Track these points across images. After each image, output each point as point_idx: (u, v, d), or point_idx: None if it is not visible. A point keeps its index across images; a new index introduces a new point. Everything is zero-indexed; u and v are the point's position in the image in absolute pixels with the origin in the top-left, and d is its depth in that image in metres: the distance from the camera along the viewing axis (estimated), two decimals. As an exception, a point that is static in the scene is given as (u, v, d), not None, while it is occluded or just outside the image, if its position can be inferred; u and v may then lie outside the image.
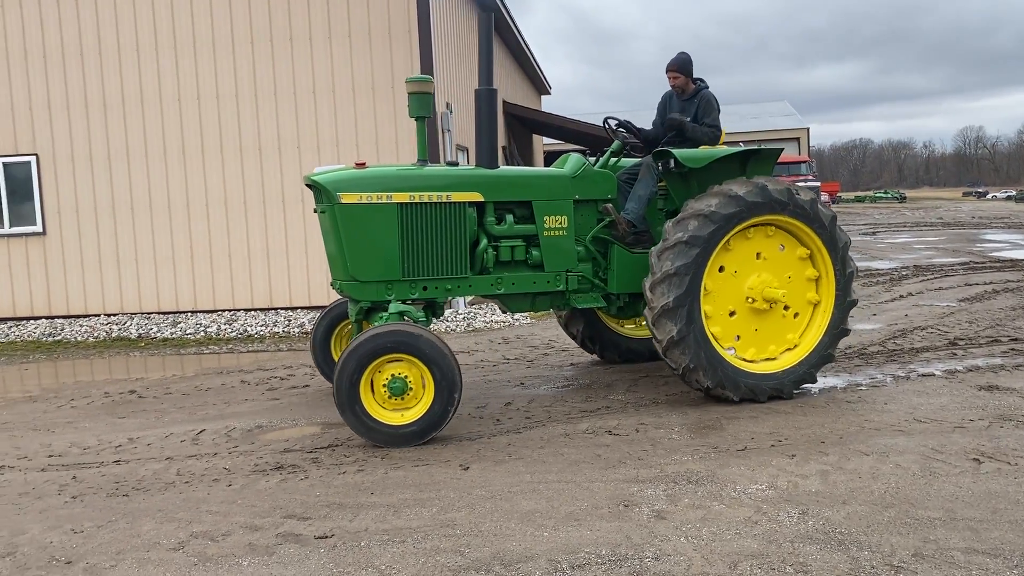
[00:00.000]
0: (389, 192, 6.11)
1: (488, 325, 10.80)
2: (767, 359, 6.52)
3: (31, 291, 12.15)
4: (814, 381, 6.61)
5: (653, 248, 6.29)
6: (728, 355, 6.34)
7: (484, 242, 6.43)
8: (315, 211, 6.35)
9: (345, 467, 5.28)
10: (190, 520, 4.48)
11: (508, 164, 17.78)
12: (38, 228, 12.07)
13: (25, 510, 4.77)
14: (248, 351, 9.95)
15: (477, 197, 6.35)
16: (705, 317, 6.24)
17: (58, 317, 12.10)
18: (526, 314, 10.59)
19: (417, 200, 6.16)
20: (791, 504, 4.31)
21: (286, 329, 10.98)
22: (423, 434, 5.64)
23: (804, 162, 36.58)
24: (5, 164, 12.04)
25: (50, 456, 5.84)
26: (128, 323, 11.65)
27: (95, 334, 11.34)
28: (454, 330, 10.60)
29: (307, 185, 6.27)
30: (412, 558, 3.86)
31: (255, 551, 4.06)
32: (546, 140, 31.63)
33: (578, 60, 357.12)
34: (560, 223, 6.54)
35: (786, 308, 6.54)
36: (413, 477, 5.03)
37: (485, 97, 6.39)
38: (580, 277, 6.67)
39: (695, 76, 7.02)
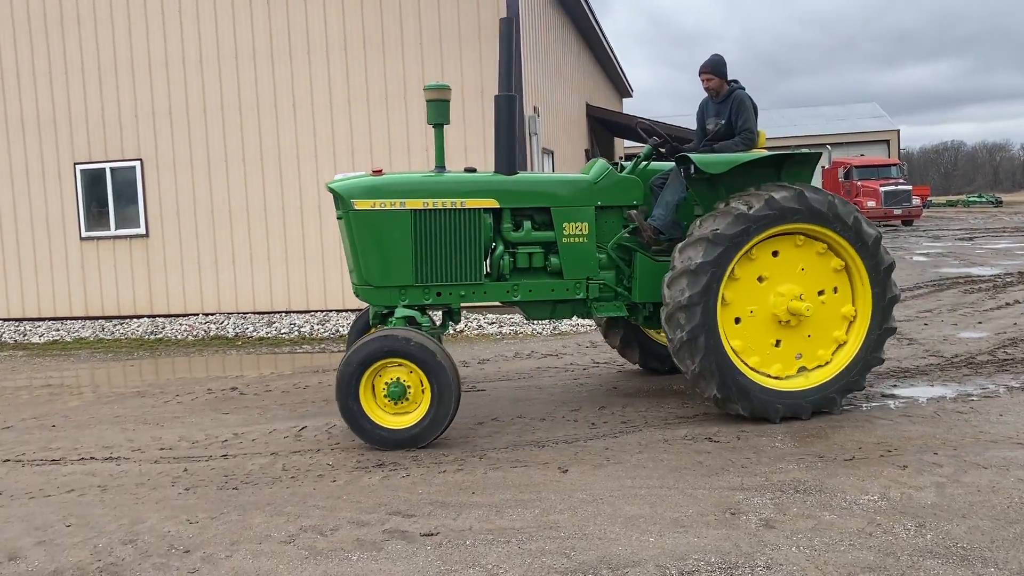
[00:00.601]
0: (402, 199, 6.17)
1: (575, 328, 10.78)
2: (789, 376, 6.14)
3: (134, 291, 12.67)
4: (834, 407, 6.12)
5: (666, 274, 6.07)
6: (753, 372, 6.02)
7: (500, 248, 6.42)
8: (337, 218, 6.42)
9: (444, 466, 5.33)
10: (298, 514, 4.59)
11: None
12: (141, 230, 12.58)
13: (142, 500, 4.96)
14: (340, 351, 10.15)
15: (493, 204, 6.34)
16: (732, 351, 5.99)
17: (159, 316, 12.59)
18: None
19: (431, 207, 6.20)
20: (906, 516, 4.16)
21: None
22: (421, 438, 5.68)
23: (894, 165, 35.46)
24: (112, 169, 12.60)
25: (161, 449, 6.07)
26: (225, 322, 12.04)
27: (194, 332, 11.75)
28: (540, 333, 10.62)
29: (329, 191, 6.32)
30: (518, 559, 3.87)
31: (363, 546, 4.13)
32: (627, 143, 31.44)
33: (658, 63, 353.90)
34: (580, 230, 6.43)
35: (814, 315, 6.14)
36: (512, 478, 5.05)
37: (504, 104, 6.35)
38: (602, 285, 6.54)
39: (730, 78, 6.74)
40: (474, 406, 6.90)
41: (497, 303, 6.61)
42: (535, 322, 10.88)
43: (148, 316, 12.63)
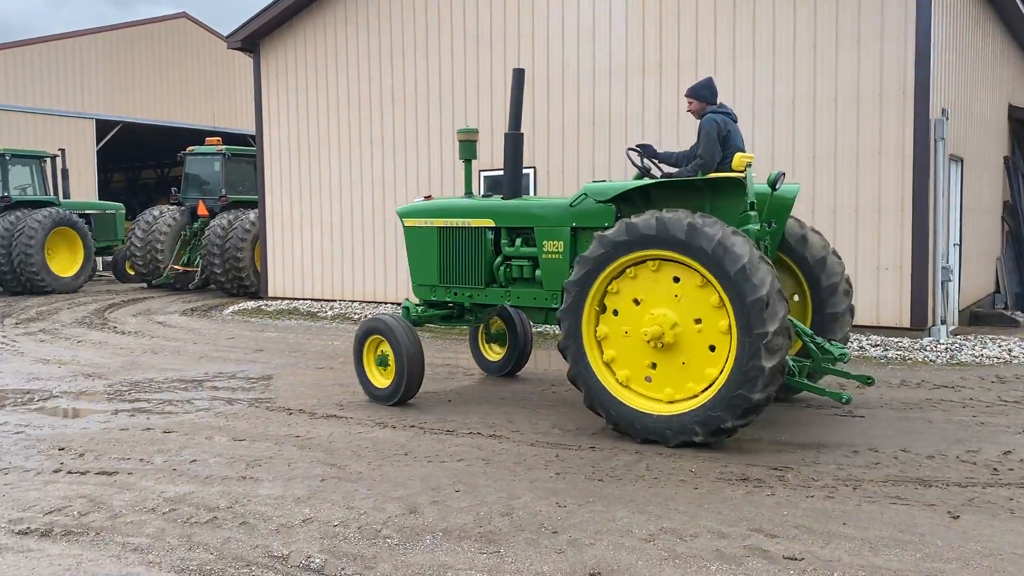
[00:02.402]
0: (432, 219, 7.98)
1: (977, 359, 9.52)
2: (678, 400, 6.00)
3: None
4: (727, 430, 5.74)
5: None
6: (626, 394, 6.18)
7: (499, 260, 7.64)
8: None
9: (813, 491, 5.04)
10: (659, 515, 4.65)
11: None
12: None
13: (519, 478, 5.39)
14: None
15: (490, 223, 7.63)
16: (606, 360, 6.26)
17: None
18: None
19: (450, 225, 7.86)
20: None
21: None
22: (392, 396, 7.40)
23: None
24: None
25: (536, 433, 6.54)
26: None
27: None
28: (933, 361, 9.55)
29: None
30: (894, 603, 3.53)
31: (722, 558, 4.06)
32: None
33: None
34: (557, 247, 7.12)
35: (693, 341, 5.97)
36: (890, 515, 4.62)
37: (511, 140, 7.62)
38: None
39: (718, 101, 6.85)
40: (849, 432, 6.43)
41: (495, 304, 7.91)
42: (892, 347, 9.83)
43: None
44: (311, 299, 15.71)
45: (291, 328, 13.13)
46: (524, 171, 13.32)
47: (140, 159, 42.00)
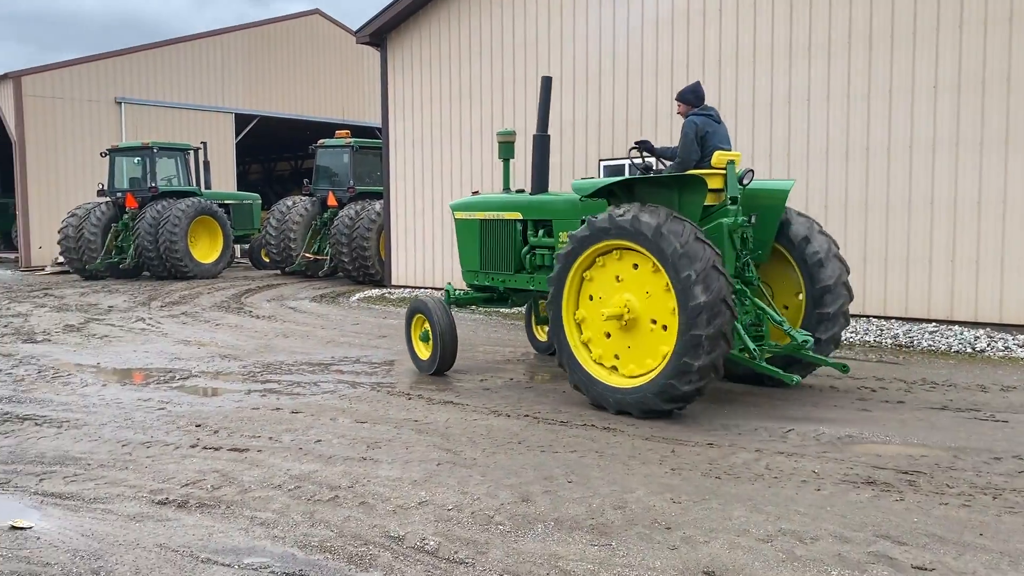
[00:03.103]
0: (474, 212, 9.05)
1: None
2: (639, 375, 6.70)
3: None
4: (681, 396, 6.35)
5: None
6: (599, 370, 6.94)
7: (525, 249, 8.57)
8: None
9: (947, 498, 4.76)
10: (778, 516, 4.50)
11: None
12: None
13: (633, 471, 5.33)
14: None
15: (518, 216, 8.62)
16: (583, 340, 7.06)
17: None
18: None
19: (488, 217, 8.90)
20: None
21: (877, 339, 10.38)
22: (431, 366, 8.47)
23: None
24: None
25: (651, 427, 6.44)
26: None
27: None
28: (1089, 364, 8.81)
29: None
30: (1035, 623, 3.29)
31: (845, 563, 3.90)
32: None
33: None
34: None
35: (653, 322, 6.63)
36: (1034, 528, 4.30)
37: (539, 141, 8.54)
38: None
39: (704, 101, 7.47)
40: (991, 438, 6.03)
41: (524, 289, 8.71)
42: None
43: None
44: (432, 287, 16.05)
45: (413, 315, 13.44)
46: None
47: (275, 151, 43.96)
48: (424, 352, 8.64)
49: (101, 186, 21.92)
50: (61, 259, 22.45)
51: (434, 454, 5.75)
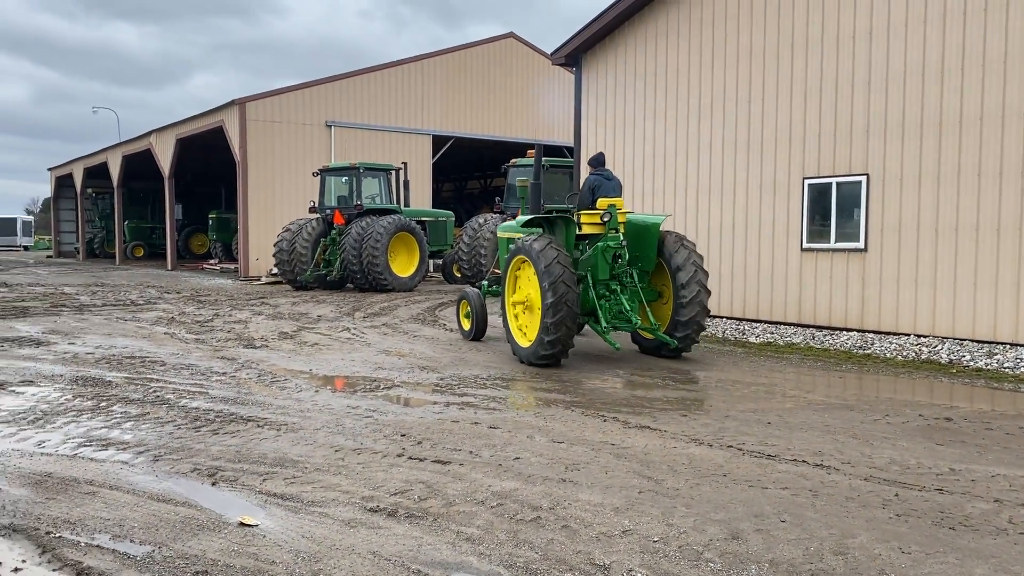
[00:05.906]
0: (505, 233, 12.98)
1: None
2: (531, 341, 10.44)
3: (847, 304, 12.81)
4: (545, 356, 10.03)
5: None
6: (519, 335, 10.89)
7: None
8: None
9: None
10: (1031, 579, 4.00)
11: None
12: (860, 245, 12.62)
13: (852, 515, 4.94)
14: (1080, 399, 8.60)
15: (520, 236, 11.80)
16: (514, 314, 10.97)
17: (869, 331, 12.48)
18: None
19: (506, 236, 12.87)
20: None
21: None
22: (470, 334, 12.66)
23: None
24: (838, 183, 12.92)
25: (871, 467, 5.97)
26: (939, 346, 11.31)
27: (904, 353, 11.33)
28: None
29: None
30: None
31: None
32: None
33: None
34: None
35: (538, 309, 10.23)
36: None
37: (533, 188, 11.27)
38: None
39: (603, 165, 11.50)
40: None
41: None
42: None
43: (858, 330, 12.63)
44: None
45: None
46: (856, 179, 12.56)
47: (466, 170, 45.47)
48: (467, 325, 12.82)
49: (312, 203, 23.52)
50: (275, 270, 24.27)
51: (634, 480, 5.60)
